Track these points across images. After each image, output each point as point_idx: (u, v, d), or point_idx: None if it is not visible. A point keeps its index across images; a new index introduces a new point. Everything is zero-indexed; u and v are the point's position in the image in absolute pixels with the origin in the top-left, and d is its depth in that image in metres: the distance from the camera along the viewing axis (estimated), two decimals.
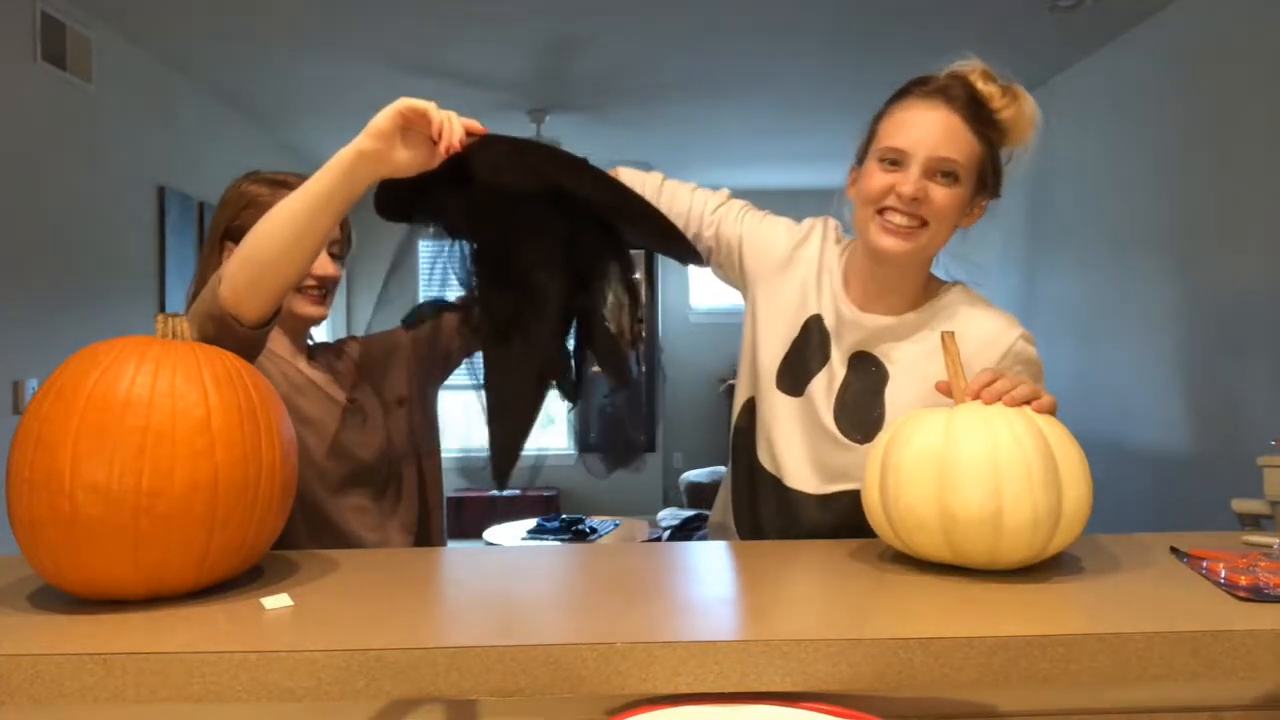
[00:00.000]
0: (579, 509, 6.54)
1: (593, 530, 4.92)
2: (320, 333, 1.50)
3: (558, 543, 4.60)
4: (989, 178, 1.22)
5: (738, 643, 0.77)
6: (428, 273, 1.28)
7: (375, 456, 1.39)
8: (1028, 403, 1.01)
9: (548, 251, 1.21)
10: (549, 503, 6.51)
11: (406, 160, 1.09)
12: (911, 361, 1.25)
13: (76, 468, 0.85)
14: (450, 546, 1.37)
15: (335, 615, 0.86)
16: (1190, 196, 3.50)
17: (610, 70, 4.45)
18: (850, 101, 4.82)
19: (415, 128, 1.08)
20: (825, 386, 1.28)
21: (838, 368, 1.28)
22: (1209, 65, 3.40)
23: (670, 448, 7.37)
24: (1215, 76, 3.36)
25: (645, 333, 1.31)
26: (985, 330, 1.22)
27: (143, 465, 0.86)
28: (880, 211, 1.20)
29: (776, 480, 1.29)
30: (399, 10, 3.63)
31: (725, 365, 7.24)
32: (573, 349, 1.29)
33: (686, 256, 1.34)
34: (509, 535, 4.92)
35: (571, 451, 1.38)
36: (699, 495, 6.29)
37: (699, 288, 7.43)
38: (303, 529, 1.28)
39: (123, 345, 0.92)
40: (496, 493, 6.35)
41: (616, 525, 5.05)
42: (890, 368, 1.26)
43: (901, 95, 1.23)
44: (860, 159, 1.26)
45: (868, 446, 1.21)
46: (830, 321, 1.30)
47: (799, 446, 1.28)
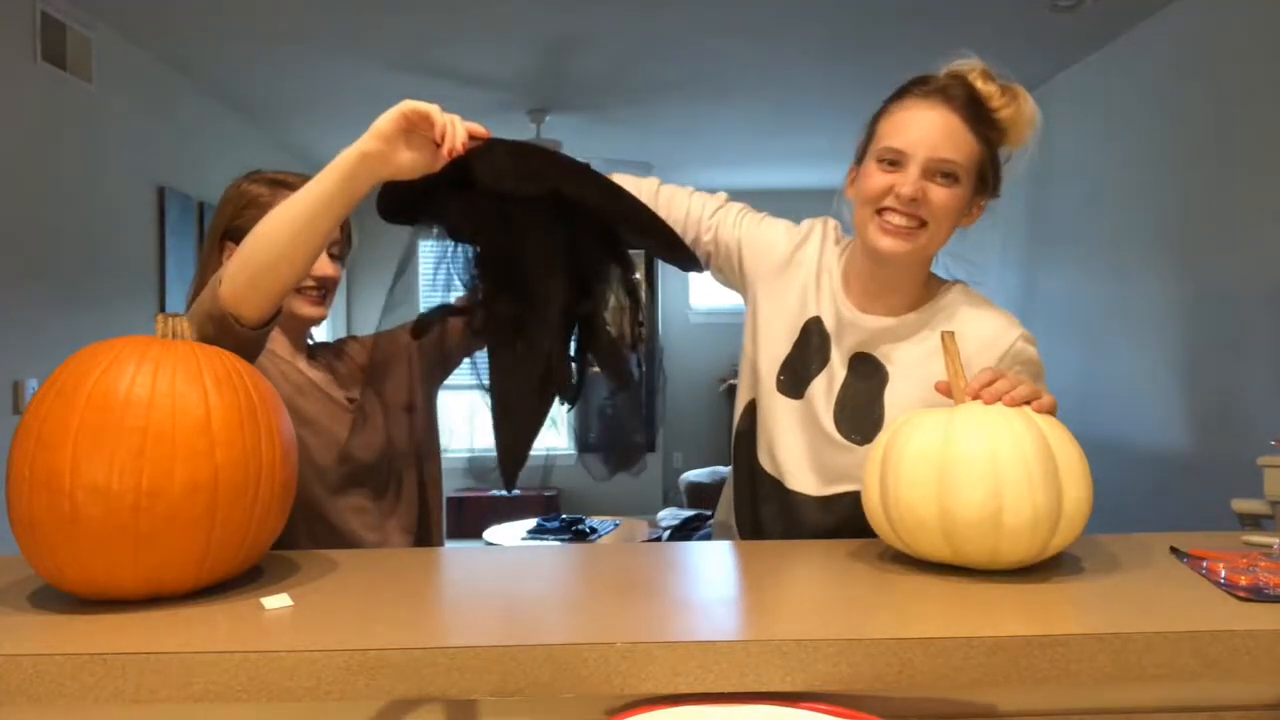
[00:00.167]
0: (579, 509, 6.54)
1: (593, 530, 4.92)
2: (320, 333, 1.50)
3: (558, 543, 4.60)
4: (988, 177, 1.22)
5: (738, 643, 0.77)
6: (431, 276, 1.28)
7: (375, 457, 1.39)
8: (1028, 403, 1.01)
9: (549, 255, 1.21)
10: (549, 503, 6.51)
11: (409, 163, 1.08)
12: (911, 362, 1.25)
13: (76, 468, 0.85)
14: (450, 546, 1.37)
15: (335, 615, 0.86)
16: (1190, 196, 3.50)
17: (610, 70, 4.45)
18: (850, 101, 4.82)
19: (418, 130, 1.08)
20: (825, 388, 1.28)
21: (838, 369, 1.28)
22: (1209, 65, 3.40)
23: (670, 448, 7.37)
24: (1215, 76, 3.36)
25: (646, 334, 1.31)
26: (985, 330, 1.22)
27: (142, 465, 0.86)
28: (879, 212, 1.20)
29: (777, 482, 1.29)
30: (399, 10, 3.63)
31: (725, 365, 7.24)
32: (574, 351, 1.28)
33: (686, 263, 1.34)
34: (509, 535, 4.92)
35: (572, 452, 1.38)
36: (699, 495, 6.29)
37: (699, 288, 7.43)
38: (303, 529, 1.28)
39: (123, 345, 0.92)
40: (498, 493, 6.39)
41: (616, 525, 5.05)
42: (890, 369, 1.26)
43: (900, 95, 1.22)
44: (859, 158, 1.26)
45: (868, 447, 1.21)
46: (830, 323, 1.30)
47: (799, 449, 1.28)
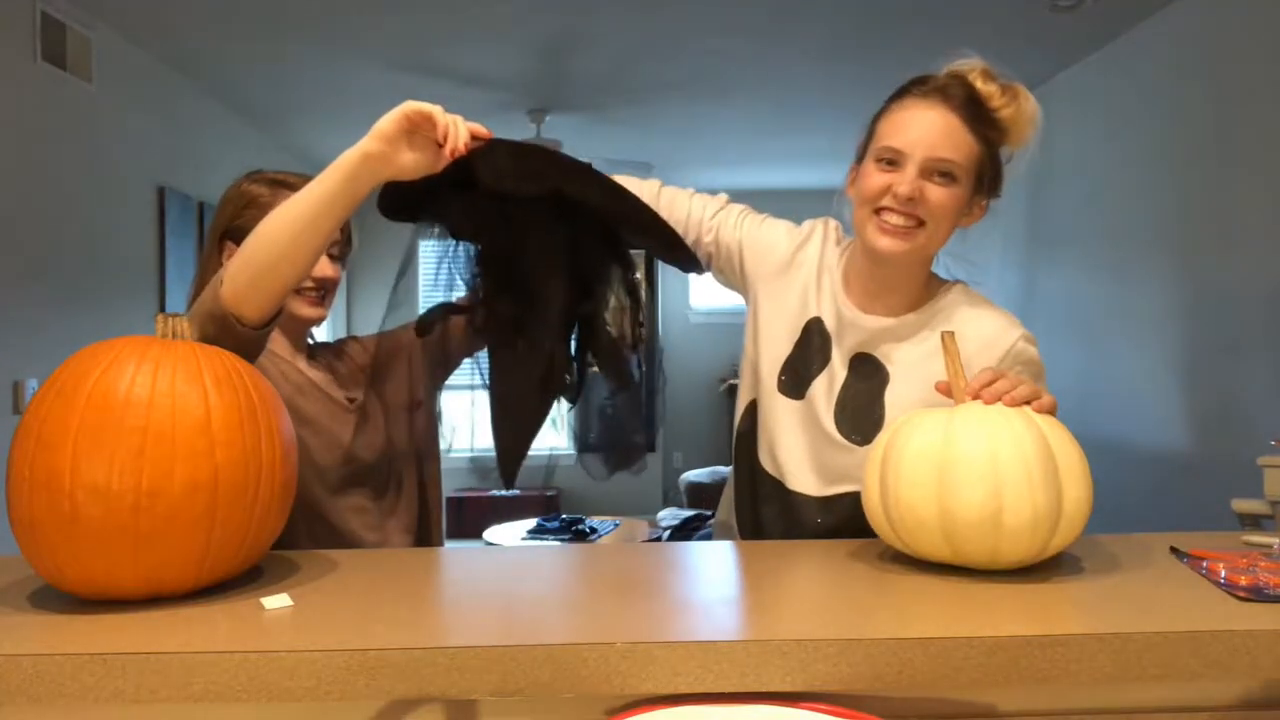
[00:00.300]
0: (579, 509, 6.53)
1: (593, 530, 4.92)
2: (320, 333, 1.50)
3: (558, 543, 4.60)
4: (988, 177, 1.22)
5: (738, 643, 0.77)
6: (433, 274, 1.28)
7: (376, 457, 1.39)
8: (1028, 403, 1.01)
9: (551, 255, 1.21)
10: (549, 503, 6.51)
11: (411, 163, 1.08)
12: (912, 362, 1.24)
13: (76, 468, 0.85)
14: (450, 546, 1.37)
15: (335, 615, 0.86)
16: (1190, 196, 3.50)
17: (610, 70, 4.45)
18: (850, 101, 4.82)
19: (421, 131, 1.08)
20: (826, 389, 1.28)
21: (838, 370, 1.28)
22: (1209, 65, 3.40)
23: (670, 448, 7.37)
24: (1215, 76, 3.36)
25: (646, 335, 1.31)
26: (986, 330, 1.22)
27: (142, 465, 0.86)
28: (877, 211, 1.20)
29: (778, 483, 1.29)
30: (399, 10, 3.63)
31: (725, 365, 7.24)
32: (574, 351, 1.29)
33: (687, 264, 1.34)
34: (509, 535, 4.91)
35: (571, 452, 1.38)
36: (699, 495, 6.29)
37: (699, 288, 7.43)
38: (303, 529, 1.28)
39: (123, 345, 0.92)
40: (499, 492, 6.39)
41: (616, 525, 5.05)
42: (890, 369, 1.26)
43: (900, 95, 1.22)
44: (859, 158, 1.26)
45: (868, 448, 1.21)
46: (831, 323, 1.30)
47: (800, 449, 1.28)
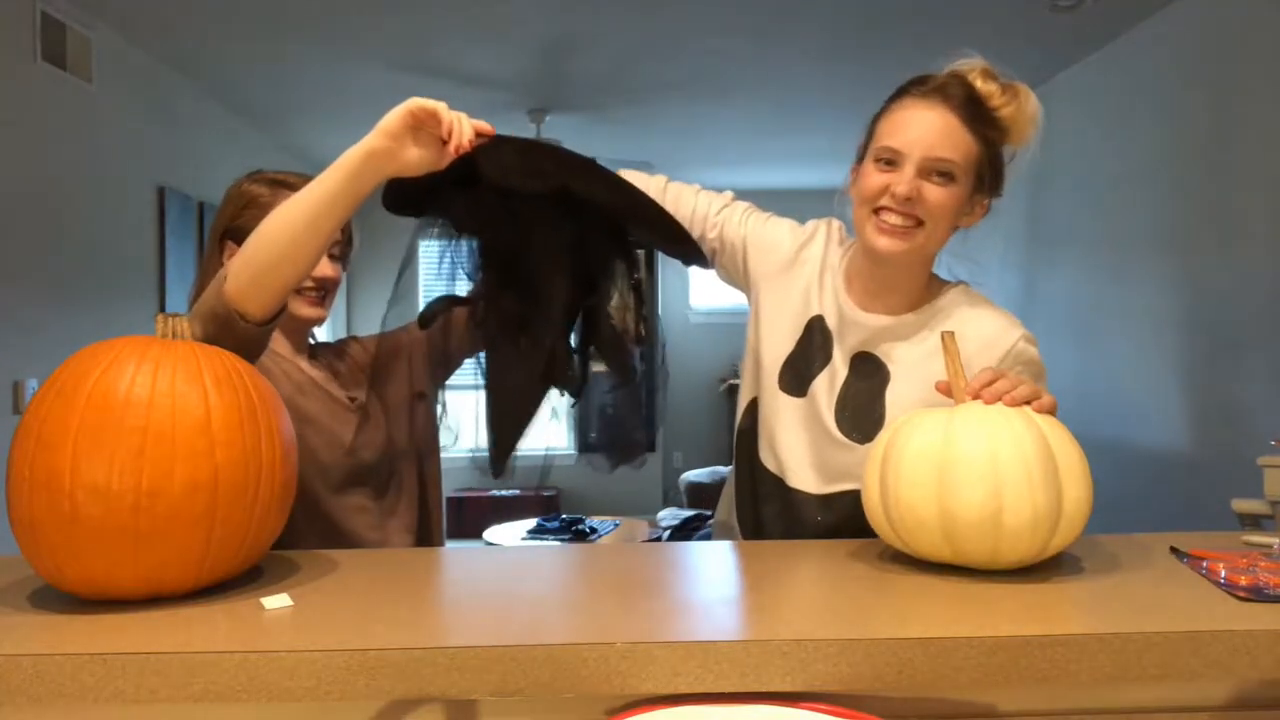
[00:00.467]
0: (579, 509, 6.54)
1: (593, 530, 4.92)
2: (321, 334, 1.50)
3: (558, 543, 4.60)
4: (987, 177, 1.22)
5: (738, 643, 0.77)
6: (435, 268, 1.28)
7: (377, 456, 1.39)
8: (1028, 403, 1.01)
9: (555, 252, 1.21)
10: (549, 503, 6.51)
11: (416, 159, 1.09)
12: (912, 362, 1.25)
13: (76, 468, 0.85)
14: (450, 546, 1.37)
15: (335, 615, 0.86)
16: (1190, 196, 3.50)
17: (610, 70, 4.45)
18: (850, 101, 4.82)
19: (425, 127, 1.08)
20: (827, 387, 1.28)
21: (839, 368, 1.28)
22: (1209, 65, 3.40)
23: (670, 448, 7.37)
24: (1215, 76, 3.36)
25: (649, 331, 1.31)
26: (986, 330, 1.22)
27: (142, 465, 0.86)
28: (876, 211, 1.20)
29: (779, 480, 1.29)
30: (399, 10, 3.63)
31: (725, 365, 7.24)
32: (577, 346, 1.29)
33: (692, 258, 1.34)
34: (509, 535, 4.91)
35: (572, 451, 1.38)
36: (699, 495, 6.29)
37: (699, 288, 7.43)
38: (305, 528, 1.29)
39: (123, 345, 0.92)
40: (499, 492, 6.39)
41: (616, 525, 5.05)
42: (891, 368, 1.26)
43: (900, 94, 1.22)
44: (860, 158, 1.26)
45: (868, 446, 1.21)
46: (832, 322, 1.30)
47: (801, 446, 1.28)
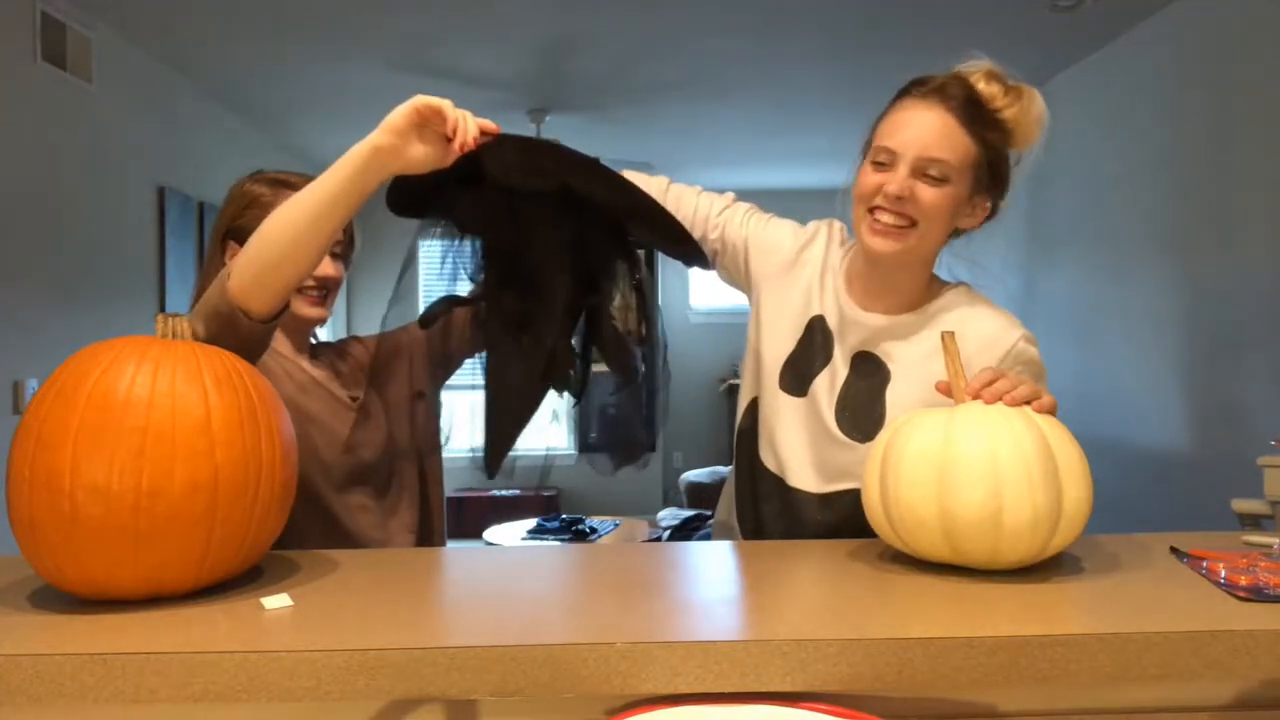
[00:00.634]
0: (579, 509, 6.54)
1: (593, 530, 4.92)
2: (322, 333, 1.51)
3: (558, 543, 4.60)
4: (987, 179, 1.22)
5: (738, 643, 0.77)
6: (437, 268, 1.29)
7: (377, 455, 1.39)
8: (1028, 403, 1.01)
9: (557, 251, 1.22)
10: (549, 503, 6.51)
11: (421, 157, 1.09)
12: (913, 361, 1.25)
13: (76, 468, 0.85)
14: (450, 546, 1.37)
15: (335, 615, 0.86)
16: (1190, 196, 3.50)
17: (610, 70, 4.45)
18: (850, 101, 4.82)
19: (430, 125, 1.08)
20: (828, 386, 1.28)
21: (840, 368, 1.28)
22: (1209, 65, 3.40)
23: (670, 448, 7.37)
24: (1215, 76, 3.36)
25: (651, 332, 1.32)
26: (986, 331, 1.22)
27: (142, 465, 0.86)
28: (871, 211, 1.21)
29: (779, 479, 1.30)
30: (399, 10, 3.63)
31: (725, 365, 7.24)
32: (580, 346, 1.29)
33: (693, 259, 1.34)
34: (509, 535, 4.91)
35: (572, 452, 1.38)
36: (699, 495, 6.29)
37: (699, 288, 7.43)
38: (308, 528, 1.29)
39: (123, 345, 0.92)
40: (499, 492, 6.39)
41: (616, 525, 5.05)
42: (891, 367, 1.26)
43: (900, 95, 1.23)
44: (862, 158, 1.27)
45: (868, 445, 1.21)
46: (833, 322, 1.30)
47: (801, 446, 1.28)
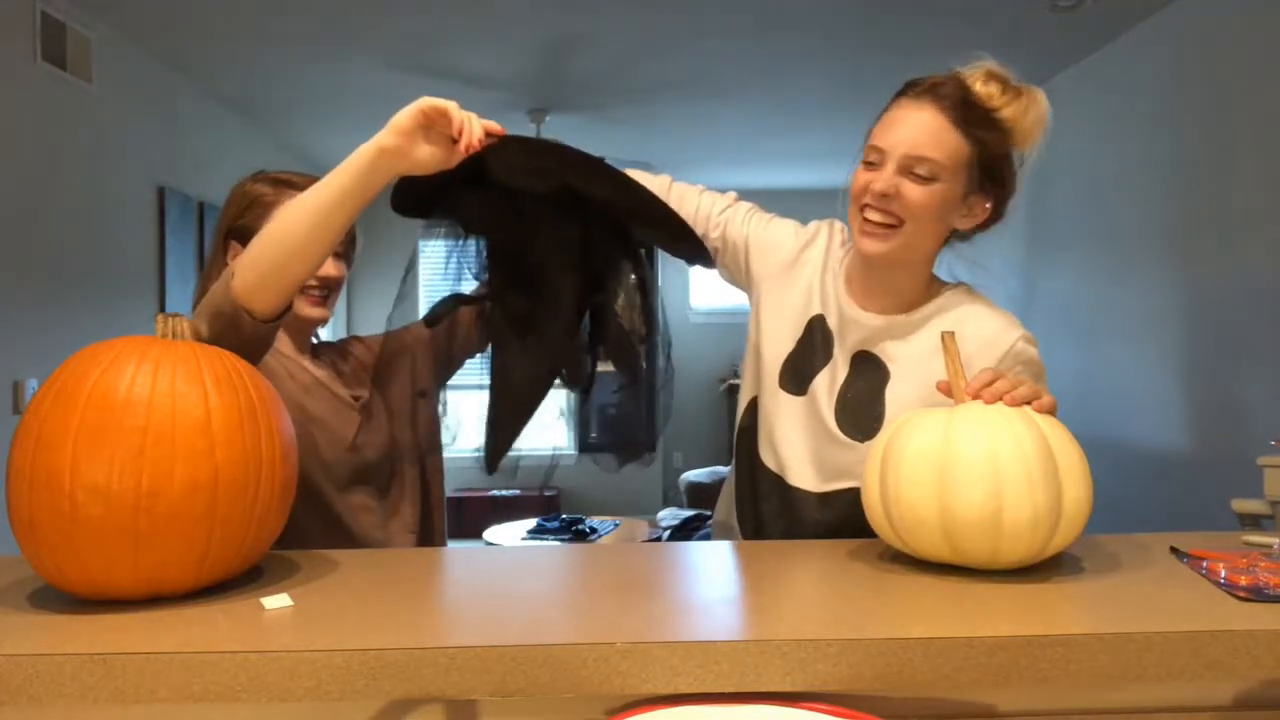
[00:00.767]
0: (579, 509, 6.54)
1: (593, 530, 4.92)
2: (323, 333, 1.51)
3: (558, 543, 4.60)
4: (981, 178, 1.21)
5: (738, 643, 0.77)
6: (441, 268, 1.29)
7: (380, 455, 1.39)
8: (1028, 403, 1.01)
9: (561, 251, 1.22)
10: (549, 503, 6.51)
11: (426, 157, 1.09)
12: (912, 361, 1.25)
13: (76, 468, 0.85)
14: (450, 546, 1.37)
15: (335, 615, 0.86)
16: (1190, 196, 3.50)
17: (610, 70, 4.45)
18: (850, 101, 4.82)
19: (436, 126, 1.09)
20: (827, 386, 1.28)
21: (840, 367, 1.28)
22: (1209, 65, 3.40)
23: (670, 448, 7.37)
24: (1215, 76, 3.36)
25: (654, 330, 1.32)
26: (986, 331, 1.22)
27: (142, 465, 0.86)
28: (862, 210, 1.21)
29: (778, 478, 1.30)
30: (399, 10, 3.63)
31: (725, 365, 7.24)
32: (586, 345, 1.29)
33: (696, 257, 1.35)
34: (509, 535, 4.92)
35: (572, 451, 1.38)
36: (699, 495, 6.29)
37: (699, 288, 7.43)
38: (309, 527, 1.29)
39: (123, 345, 0.92)
40: (499, 492, 6.39)
41: (616, 525, 5.05)
42: (891, 367, 1.26)
43: (895, 96, 1.23)
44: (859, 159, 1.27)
45: (868, 445, 1.22)
46: (833, 321, 1.30)
47: (800, 445, 1.28)
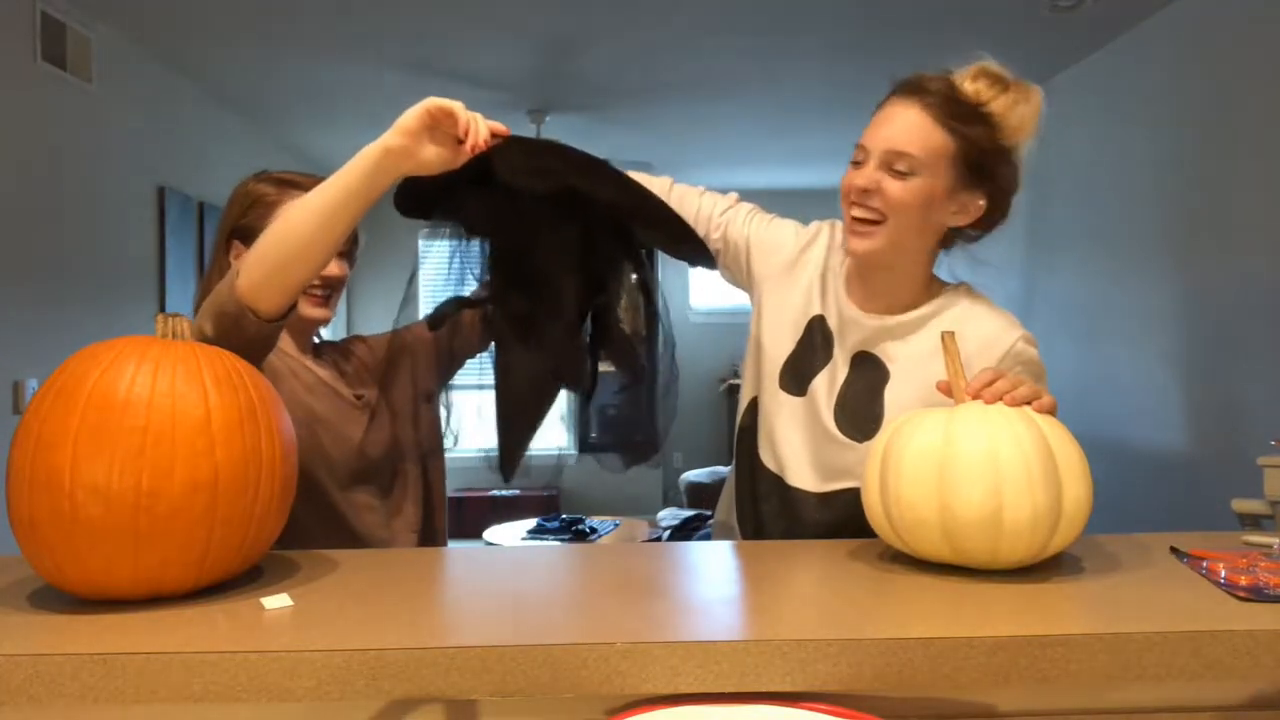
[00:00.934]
0: (579, 509, 6.54)
1: (593, 530, 4.92)
2: (325, 333, 1.51)
3: (558, 543, 4.60)
4: (969, 173, 1.19)
5: (738, 643, 0.77)
6: (444, 269, 1.29)
7: (383, 454, 1.39)
8: (1028, 403, 1.01)
9: (564, 252, 1.23)
10: (549, 503, 6.51)
11: (432, 158, 1.10)
12: (912, 361, 1.25)
13: (76, 468, 0.85)
14: (450, 546, 1.37)
15: (335, 615, 0.86)
16: (1190, 196, 3.50)
17: (610, 70, 4.45)
18: (850, 101, 4.82)
19: (442, 127, 1.09)
20: (827, 386, 1.28)
21: (840, 368, 1.28)
22: (1208, 65, 3.40)
23: (670, 448, 7.35)
24: (1215, 76, 3.36)
25: (657, 331, 1.32)
26: (986, 331, 1.22)
27: (142, 465, 0.86)
28: (849, 210, 1.22)
29: (778, 478, 1.30)
30: (399, 10, 3.63)
31: (725, 365, 7.24)
32: (587, 347, 1.30)
33: (698, 259, 1.35)
34: (509, 535, 4.92)
35: (573, 451, 1.38)
36: (699, 495, 6.29)
37: (699, 288, 7.43)
38: (312, 526, 1.29)
39: (123, 345, 0.92)
40: (499, 492, 6.39)
41: (616, 525, 5.05)
42: (891, 367, 1.26)
43: (887, 96, 1.24)
44: None
45: (867, 445, 1.22)
46: (833, 322, 1.30)
47: (800, 445, 1.28)
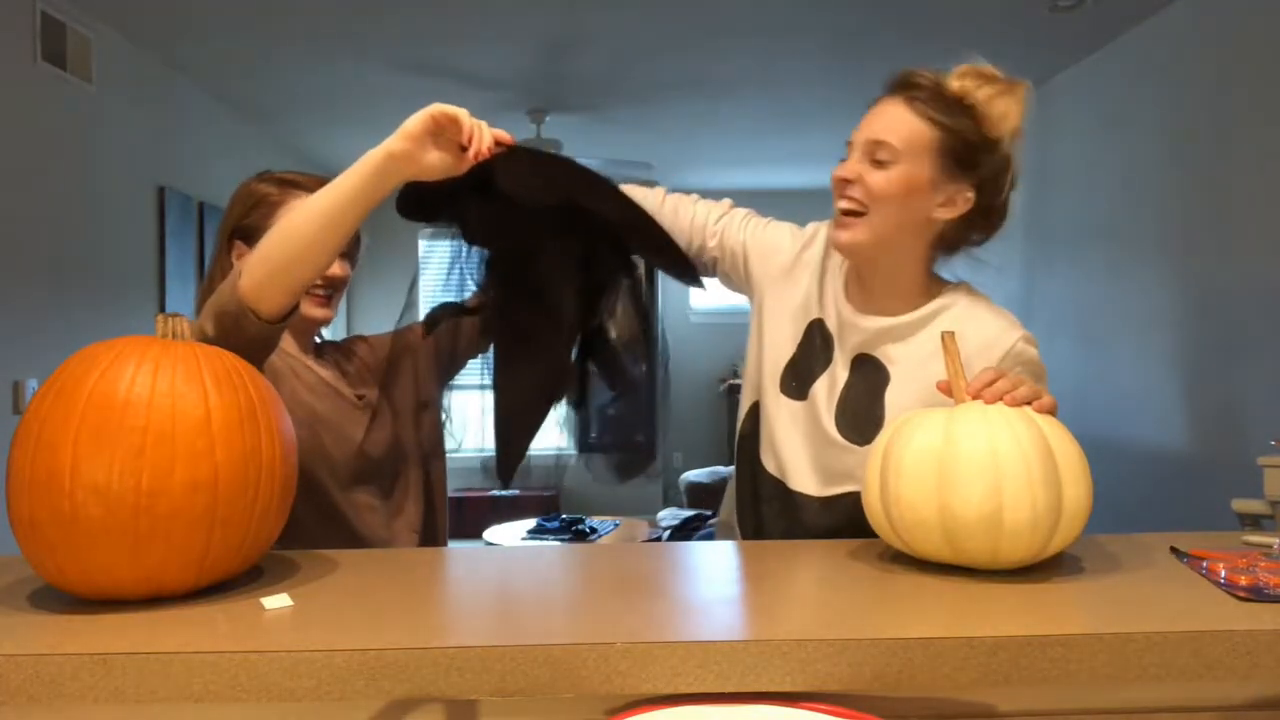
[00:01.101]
0: (579, 509, 6.53)
1: (593, 530, 4.92)
2: (325, 333, 1.51)
3: (558, 543, 4.60)
4: (950, 164, 1.19)
5: (738, 643, 0.77)
6: (445, 275, 1.30)
7: (384, 455, 1.39)
8: (1029, 403, 1.01)
9: (562, 264, 1.24)
10: (549, 503, 6.51)
11: (435, 163, 1.10)
12: (912, 362, 1.24)
13: (76, 468, 0.85)
14: (450, 546, 1.37)
15: (335, 615, 0.86)
16: (1189, 197, 3.50)
17: (610, 70, 4.45)
18: (850, 102, 4.81)
19: (446, 133, 1.10)
20: (827, 390, 1.28)
21: (840, 371, 1.28)
22: (1208, 66, 3.40)
23: (670, 448, 7.37)
24: (1215, 77, 3.36)
25: (651, 344, 1.34)
26: (986, 331, 1.22)
27: (143, 465, 0.86)
28: (835, 202, 1.23)
29: (779, 483, 1.30)
30: (399, 10, 3.63)
31: (725, 365, 7.24)
32: (581, 358, 1.31)
33: (689, 279, 1.38)
34: (509, 535, 4.92)
35: (572, 451, 1.39)
36: (699, 495, 6.29)
37: (699, 288, 7.42)
38: (314, 526, 1.29)
39: (123, 345, 0.92)
40: (499, 492, 6.39)
41: (616, 525, 5.05)
42: (891, 369, 1.26)
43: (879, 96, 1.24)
44: None
45: (868, 447, 1.21)
46: (833, 325, 1.30)
47: (801, 449, 1.28)
